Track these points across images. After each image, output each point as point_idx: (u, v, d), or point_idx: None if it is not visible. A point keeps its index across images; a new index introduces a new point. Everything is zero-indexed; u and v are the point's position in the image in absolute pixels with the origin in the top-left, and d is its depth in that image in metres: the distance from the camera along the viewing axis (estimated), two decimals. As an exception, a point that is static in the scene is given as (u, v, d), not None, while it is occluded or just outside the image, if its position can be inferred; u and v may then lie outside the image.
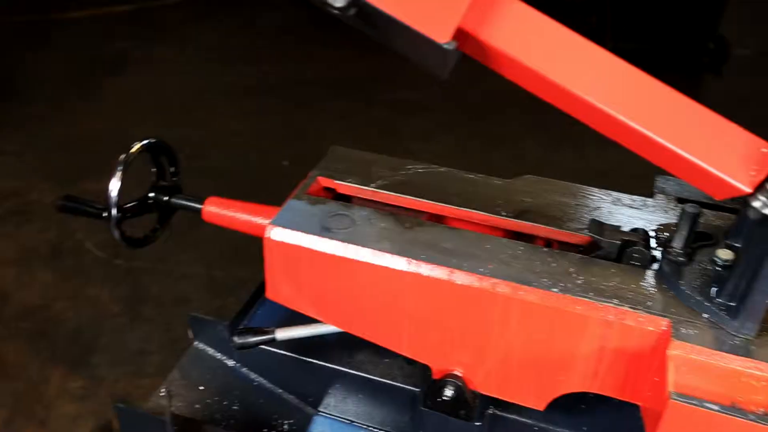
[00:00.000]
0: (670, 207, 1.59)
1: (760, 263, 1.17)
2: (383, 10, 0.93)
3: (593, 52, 1.04)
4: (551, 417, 1.53)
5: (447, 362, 1.45)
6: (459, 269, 1.35)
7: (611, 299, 1.30)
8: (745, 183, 1.01)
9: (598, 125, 1.05)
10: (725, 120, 1.03)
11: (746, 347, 1.22)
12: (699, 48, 4.17)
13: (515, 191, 1.61)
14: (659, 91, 1.05)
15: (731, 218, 1.49)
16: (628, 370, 1.31)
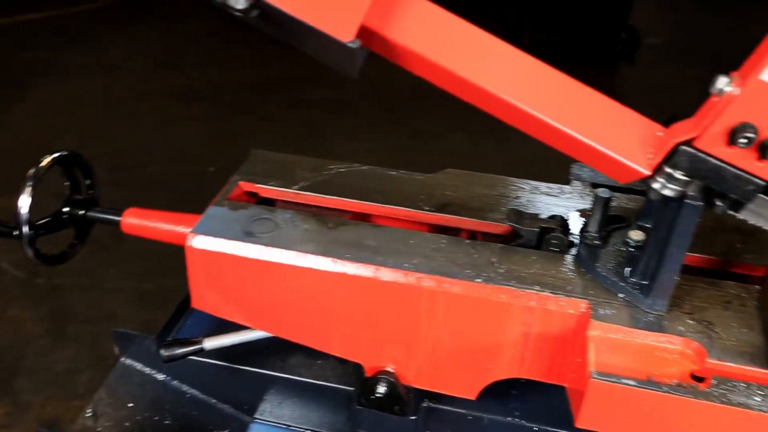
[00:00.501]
0: (585, 193, 1.64)
1: (666, 242, 1.22)
2: (285, 11, 0.93)
3: (496, 46, 1.06)
4: (484, 405, 1.55)
5: (378, 359, 1.46)
6: (384, 266, 1.36)
7: (532, 286, 1.33)
8: (643, 166, 1.05)
9: (505, 116, 1.08)
10: (623, 106, 1.08)
11: (659, 323, 1.27)
12: (612, 38, 4.33)
13: (437, 186, 1.63)
14: (560, 81, 1.08)
15: (642, 200, 1.55)
16: (553, 353, 1.35)
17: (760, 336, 1.25)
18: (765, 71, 0.91)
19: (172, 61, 4.75)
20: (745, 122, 0.95)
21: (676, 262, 1.24)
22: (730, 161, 0.99)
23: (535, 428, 1.54)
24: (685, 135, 1.00)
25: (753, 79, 0.93)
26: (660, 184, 1.05)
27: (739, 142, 0.95)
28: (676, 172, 1.03)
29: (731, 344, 1.23)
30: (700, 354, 1.22)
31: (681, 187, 1.05)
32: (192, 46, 4.99)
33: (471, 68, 1.03)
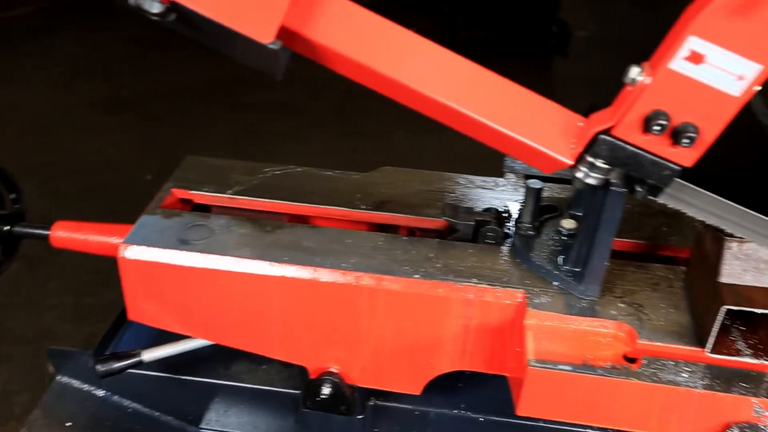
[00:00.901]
0: (519, 185, 1.67)
1: (595, 229, 1.26)
2: (203, 14, 0.91)
3: (417, 43, 1.07)
4: (430, 399, 1.56)
5: (322, 360, 1.45)
6: (322, 267, 1.36)
7: (470, 279, 1.35)
8: (566, 156, 1.08)
9: (430, 112, 1.09)
10: (544, 99, 1.10)
11: (592, 308, 1.30)
12: (544, 32, 4.43)
13: (373, 184, 1.63)
14: (481, 75, 1.10)
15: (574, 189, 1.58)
16: (493, 344, 1.37)
17: (687, 315, 1.29)
18: (673, 60, 0.95)
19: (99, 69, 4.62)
20: (658, 110, 0.98)
21: (606, 248, 1.27)
22: (646, 148, 1.02)
23: (481, 419, 1.56)
24: (604, 124, 1.03)
25: (662, 68, 0.96)
26: (583, 173, 1.08)
27: (653, 129, 0.98)
28: (597, 160, 1.06)
29: (660, 324, 1.28)
30: (632, 336, 1.26)
31: (603, 175, 1.08)
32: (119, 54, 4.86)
33: (392, 65, 1.04)
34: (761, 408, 1.15)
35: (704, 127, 0.99)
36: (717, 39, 0.92)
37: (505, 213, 1.53)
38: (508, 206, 1.56)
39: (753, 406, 1.15)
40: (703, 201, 1.11)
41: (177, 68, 4.58)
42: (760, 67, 0.93)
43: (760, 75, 0.93)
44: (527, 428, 1.53)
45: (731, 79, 0.94)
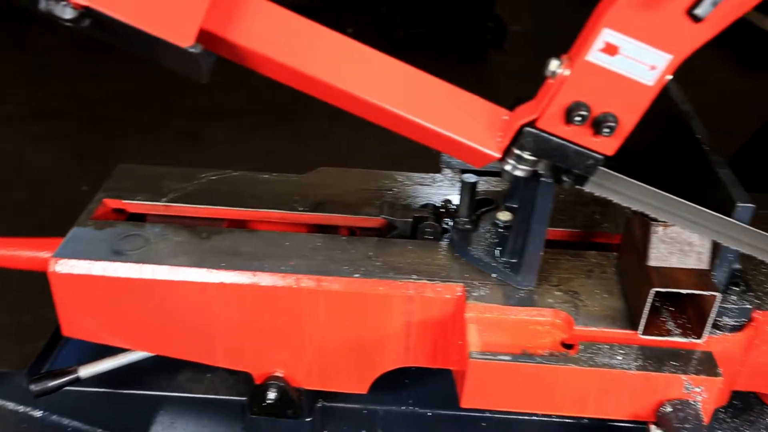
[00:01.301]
0: (456, 180, 1.68)
1: (529, 220, 1.28)
2: (120, 18, 0.89)
3: (341, 42, 1.07)
4: (378, 397, 1.57)
5: (266, 365, 1.44)
6: (261, 271, 1.35)
7: (410, 275, 1.36)
8: (493, 149, 1.10)
9: (358, 110, 1.09)
10: (470, 94, 1.12)
11: (530, 298, 1.33)
12: (481, 28, 4.50)
13: (311, 185, 1.63)
14: (407, 73, 1.11)
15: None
16: (435, 338, 1.38)
17: (620, 299, 1.33)
18: (590, 52, 0.97)
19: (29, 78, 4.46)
20: (578, 101, 1.01)
21: (540, 239, 1.30)
22: (569, 138, 1.05)
23: (429, 413, 1.57)
24: (528, 117, 1.05)
25: (580, 60, 0.98)
26: (511, 166, 1.10)
27: (575, 120, 1.01)
28: (523, 152, 1.08)
29: (595, 310, 1.31)
30: (569, 323, 1.29)
31: (530, 167, 1.11)
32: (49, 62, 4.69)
33: (316, 65, 1.04)
34: (691, 384, 1.19)
35: (623, 117, 1.02)
36: (629, 31, 0.95)
37: (443, 208, 1.54)
38: (446, 201, 1.57)
39: (683, 383, 1.20)
40: (628, 188, 1.15)
41: (112, 74, 4.46)
42: (670, 57, 0.96)
43: (671, 64, 0.97)
44: (474, 420, 1.55)
45: (644, 69, 0.98)
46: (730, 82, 4.35)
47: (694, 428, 1.16)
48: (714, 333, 1.27)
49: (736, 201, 1.16)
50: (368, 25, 4.77)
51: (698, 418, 1.19)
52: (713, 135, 2.16)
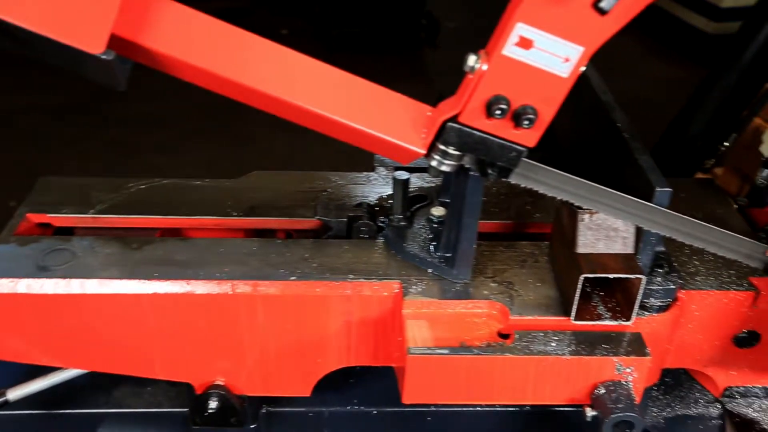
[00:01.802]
0: (390, 177, 1.69)
1: (460, 214, 1.30)
2: (24, 26, 0.86)
3: (261, 45, 1.06)
4: (323, 399, 1.56)
5: (206, 375, 1.42)
6: (196, 279, 1.33)
7: (347, 275, 1.36)
8: (418, 145, 1.11)
9: (283, 113, 1.08)
10: (392, 92, 1.13)
11: (466, 291, 1.35)
12: (414, 25, 4.53)
13: (244, 190, 1.61)
14: (329, 73, 1.11)
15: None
16: (376, 337, 1.38)
17: (553, 287, 1.36)
18: (505, 47, 0.99)
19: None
20: (498, 94, 1.03)
21: (472, 232, 1.32)
22: (491, 132, 1.07)
23: (375, 411, 1.58)
24: (450, 112, 1.07)
25: (497, 54, 1.00)
26: (437, 161, 1.11)
27: (495, 114, 1.03)
28: (448, 147, 1.09)
29: (529, 299, 1.34)
30: (504, 313, 1.31)
31: (456, 162, 1.12)
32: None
33: (234, 68, 1.02)
34: (622, 365, 1.23)
35: (541, 108, 1.04)
36: (541, 25, 0.97)
37: (378, 206, 1.55)
38: (381, 199, 1.58)
39: (615, 364, 1.23)
40: (552, 178, 1.18)
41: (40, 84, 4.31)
42: (582, 49, 0.99)
43: (583, 56, 1.00)
44: (419, 415, 1.56)
45: (559, 61, 1.00)
46: (656, 72, 4.50)
47: (626, 408, 1.20)
48: (642, 314, 1.31)
49: (654, 186, 1.20)
50: (301, 25, 4.76)
51: (630, 397, 1.22)
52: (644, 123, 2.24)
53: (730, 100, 1.74)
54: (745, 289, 1.36)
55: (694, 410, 1.53)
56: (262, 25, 5.57)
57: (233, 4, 5.00)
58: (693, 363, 1.46)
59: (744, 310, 1.37)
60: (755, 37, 1.66)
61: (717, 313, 1.37)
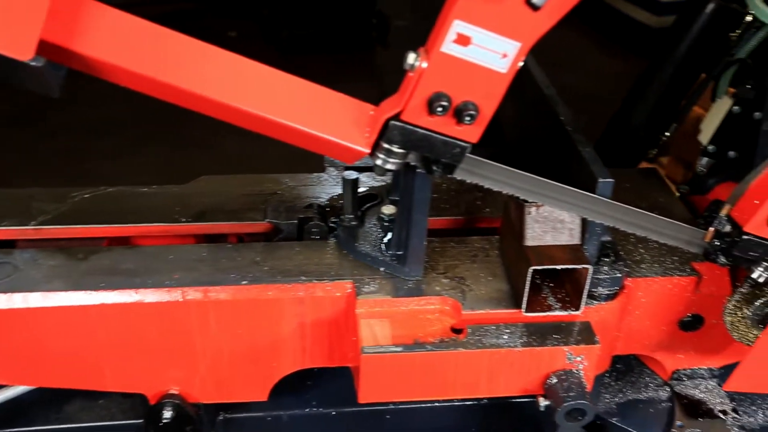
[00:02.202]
0: (341, 177, 1.69)
1: (410, 211, 1.30)
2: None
3: (202, 48, 1.05)
4: (281, 402, 1.55)
5: (159, 384, 1.39)
6: (144, 288, 1.30)
7: (299, 277, 1.35)
8: (362, 145, 1.11)
9: (225, 116, 1.07)
10: (335, 92, 1.12)
11: (418, 288, 1.35)
12: (365, 25, 4.53)
13: (192, 195, 1.59)
14: (271, 75, 1.10)
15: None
16: (331, 337, 1.38)
17: (504, 280, 1.38)
18: (444, 44, 1.00)
19: None
20: (439, 92, 1.03)
21: (422, 228, 1.32)
22: (434, 129, 1.08)
23: (333, 412, 1.58)
24: (393, 110, 1.07)
25: (436, 52, 1.01)
26: (381, 160, 1.12)
27: (437, 111, 1.04)
28: (392, 146, 1.10)
29: (481, 293, 1.35)
30: (456, 308, 1.32)
31: (401, 159, 1.12)
32: None
33: (173, 72, 1.01)
34: (572, 354, 1.25)
35: (482, 104, 1.05)
36: (478, 21, 0.98)
37: (329, 207, 1.55)
38: (331, 200, 1.58)
39: (565, 354, 1.26)
40: (496, 173, 1.19)
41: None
42: (518, 44, 1.00)
43: (521, 51, 1.01)
44: (378, 413, 1.56)
45: (497, 57, 1.01)
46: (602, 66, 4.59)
47: (577, 396, 1.22)
48: (591, 303, 1.34)
49: (597, 177, 1.23)
50: (250, 28, 4.70)
51: (581, 385, 1.25)
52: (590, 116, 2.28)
53: (669, 91, 1.79)
54: (688, 274, 1.40)
55: (644, 394, 1.57)
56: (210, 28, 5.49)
57: (179, 7, 4.92)
58: (642, 348, 1.50)
59: (688, 295, 1.41)
60: (689, 30, 1.72)
61: (662, 299, 1.41)
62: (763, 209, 1.17)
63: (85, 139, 3.84)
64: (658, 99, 1.83)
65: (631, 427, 1.51)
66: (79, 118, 4.00)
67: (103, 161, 3.65)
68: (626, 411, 1.54)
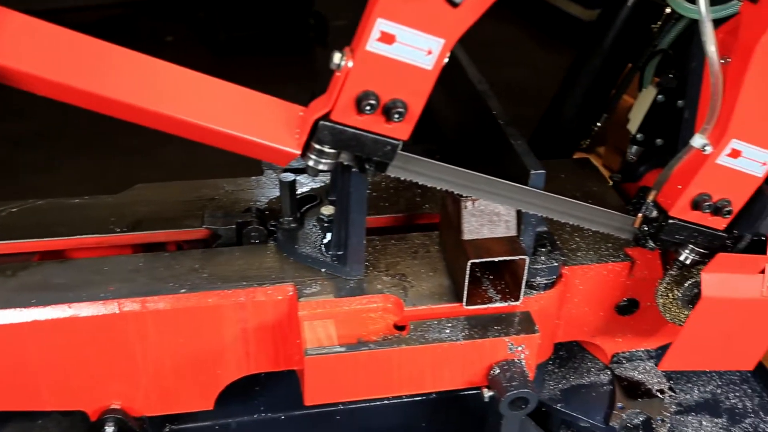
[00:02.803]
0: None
1: (348, 210, 1.30)
2: None
3: (118, 53, 1.02)
4: (229, 410, 1.53)
5: (99, 400, 1.36)
6: (78, 302, 1.27)
7: (239, 282, 1.33)
8: (293, 146, 1.10)
9: (153, 123, 1.05)
10: (263, 95, 1.11)
11: (360, 287, 1.35)
12: (302, 26, 4.51)
13: (127, 204, 1.55)
14: (197, 80, 1.08)
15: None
16: (275, 341, 1.37)
17: (445, 275, 1.39)
18: (368, 43, 1.00)
19: None
20: (366, 90, 1.03)
21: (360, 227, 1.33)
22: (364, 127, 1.08)
23: (282, 417, 1.56)
24: (322, 110, 1.07)
25: (361, 50, 1.01)
26: (313, 161, 1.11)
27: (366, 110, 1.04)
28: (323, 146, 1.09)
29: (423, 289, 1.36)
30: (399, 305, 1.33)
31: (333, 159, 1.12)
32: None
33: (92, 79, 0.98)
34: (513, 344, 1.28)
35: (410, 101, 1.06)
36: (401, 19, 0.99)
37: (267, 210, 1.53)
38: (270, 202, 1.57)
39: (507, 344, 1.28)
40: (429, 169, 1.20)
41: None
42: (442, 41, 1.01)
43: (445, 48, 1.02)
44: (327, 415, 1.56)
45: (422, 54, 1.02)
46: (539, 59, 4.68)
47: (520, 385, 1.24)
48: (530, 293, 1.36)
49: (529, 169, 1.25)
50: (188, 31, 4.63)
51: (523, 374, 1.27)
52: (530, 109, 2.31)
53: (598, 82, 1.84)
54: (622, 260, 1.44)
55: (587, 379, 1.61)
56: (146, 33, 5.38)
57: (113, 12, 4.80)
58: (582, 334, 1.54)
59: (622, 280, 1.45)
60: (613, 23, 1.77)
61: (599, 285, 1.45)
62: (686, 194, 1.22)
63: (11, 152, 3.71)
64: (587, 90, 1.88)
65: (575, 412, 1.54)
66: (8, 127, 3.86)
67: (35, 174, 3.53)
68: (570, 397, 1.58)
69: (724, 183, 1.21)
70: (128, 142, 3.78)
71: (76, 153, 3.73)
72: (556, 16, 4.85)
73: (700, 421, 1.57)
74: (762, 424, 1.57)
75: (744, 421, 1.58)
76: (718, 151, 1.16)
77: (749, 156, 1.18)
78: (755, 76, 1.08)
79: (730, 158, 1.18)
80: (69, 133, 3.86)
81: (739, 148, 1.16)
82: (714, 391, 1.64)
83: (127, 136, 3.79)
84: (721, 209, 1.23)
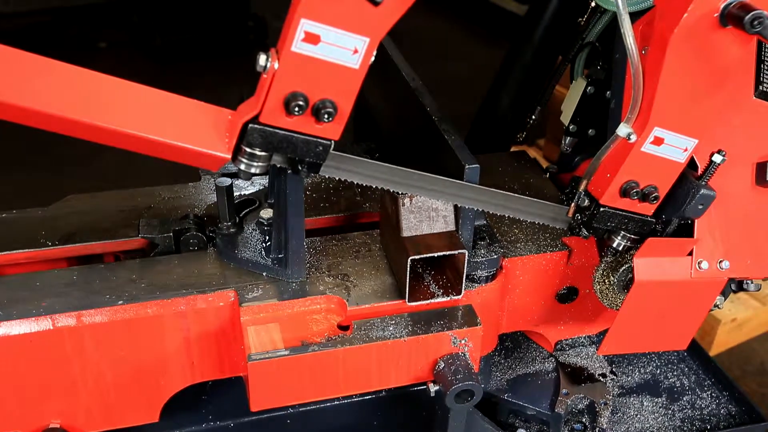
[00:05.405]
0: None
1: (286, 213, 1.29)
2: None
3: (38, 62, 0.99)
4: (176, 421, 1.51)
5: (38, 419, 1.32)
6: (8, 320, 1.22)
7: (179, 290, 1.31)
8: (222, 150, 1.08)
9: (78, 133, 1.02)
10: (190, 99, 1.10)
11: (302, 289, 1.35)
12: (241, 29, 4.46)
13: (59, 217, 1.51)
14: (121, 87, 1.05)
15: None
16: (219, 349, 1.35)
17: (387, 273, 1.39)
18: (293, 43, 1.00)
19: None
20: (294, 91, 1.03)
21: (300, 229, 1.32)
22: (294, 129, 1.07)
23: (231, 424, 1.54)
24: (250, 113, 1.05)
25: (286, 51, 1.01)
26: (245, 164, 1.10)
27: (295, 111, 1.03)
28: (254, 149, 1.08)
29: (365, 288, 1.36)
30: (342, 305, 1.33)
31: (265, 162, 1.11)
32: None
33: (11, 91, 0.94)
34: (457, 338, 1.29)
35: (339, 101, 1.06)
36: (324, 19, 0.98)
37: (206, 216, 1.51)
38: (208, 208, 1.54)
39: (450, 338, 1.29)
40: (364, 167, 1.20)
41: None
42: (367, 40, 1.01)
43: (370, 46, 1.02)
44: (278, 419, 1.54)
45: (348, 53, 1.02)
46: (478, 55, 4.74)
47: (464, 377, 1.25)
48: (471, 287, 1.38)
49: (464, 164, 1.27)
50: (122, 37, 4.51)
51: (468, 367, 1.28)
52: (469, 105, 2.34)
53: (530, 75, 1.88)
54: (560, 249, 1.47)
55: (532, 368, 1.64)
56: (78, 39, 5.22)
57: (42, 19, 4.65)
58: (525, 324, 1.56)
59: (561, 269, 1.48)
60: (542, 17, 1.80)
61: (538, 275, 1.47)
62: (614, 182, 1.25)
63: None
64: (521, 84, 1.91)
65: (521, 401, 1.57)
66: None
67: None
68: (516, 386, 1.60)
69: (649, 170, 1.25)
70: (62, 152, 3.68)
71: (10, 167, 3.61)
72: (494, 12, 4.92)
73: (642, 402, 1.61)
74: (699, 400, 1.63)
75: (682, 399, 1.63)
76: (642, 139, 1.20)
77: (671, 143, 1.21)
78: (672, 65, 1.12)
79: (653, 146, 1.21)
80: (6, 146, 3.73)
81: (661, 135, 1.20)
82: (654, 372, 1.69)
83: (66, 147, 3.69)
84: (649, 195, 1.27)
